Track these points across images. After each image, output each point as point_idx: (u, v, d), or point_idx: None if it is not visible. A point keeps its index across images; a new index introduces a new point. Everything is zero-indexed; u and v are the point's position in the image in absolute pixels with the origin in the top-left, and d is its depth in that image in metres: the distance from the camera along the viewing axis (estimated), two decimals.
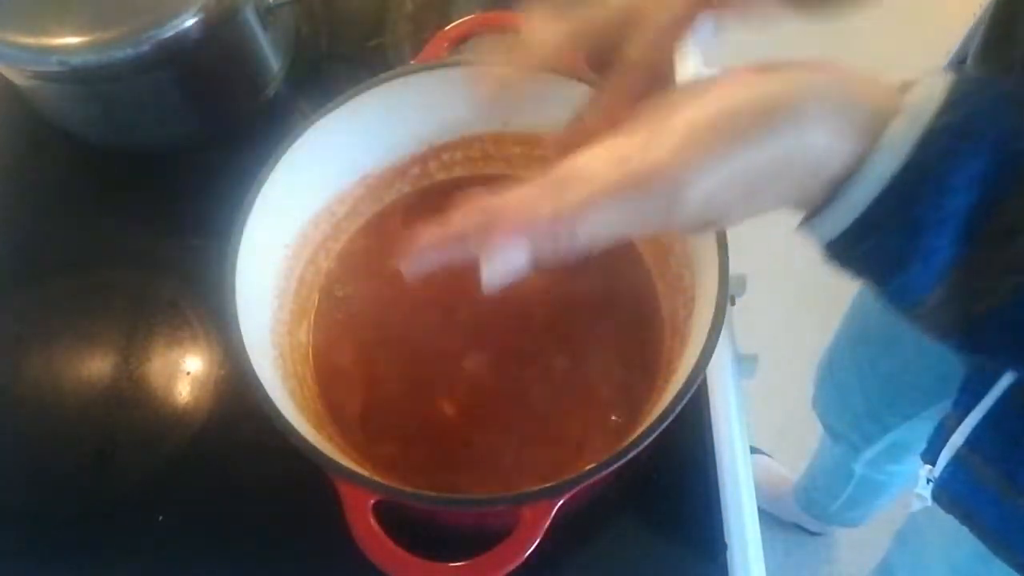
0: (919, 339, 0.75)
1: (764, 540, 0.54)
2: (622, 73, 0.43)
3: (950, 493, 0.58)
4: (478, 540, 0.40)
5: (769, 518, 1.32)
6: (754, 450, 1.35)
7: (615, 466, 0.41)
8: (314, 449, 0.41)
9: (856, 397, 0.93)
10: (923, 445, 0.59)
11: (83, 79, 0.60)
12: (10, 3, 0.59)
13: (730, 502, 0.54)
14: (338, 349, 0.55)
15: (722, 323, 0.44)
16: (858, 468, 1.05)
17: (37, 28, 0.57)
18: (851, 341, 0.93)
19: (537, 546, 0.40)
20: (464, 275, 0.58)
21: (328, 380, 0.54)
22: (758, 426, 1.42)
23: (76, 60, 0.58)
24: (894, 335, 0.82)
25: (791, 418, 1.37)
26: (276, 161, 0.50)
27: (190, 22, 0.58)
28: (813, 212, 0.30)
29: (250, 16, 0.64)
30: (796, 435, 1.38)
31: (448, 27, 0.58)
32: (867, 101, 0.29)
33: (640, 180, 0.29)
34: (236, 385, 0.59)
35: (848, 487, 1.09)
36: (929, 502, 0.59)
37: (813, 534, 1.31)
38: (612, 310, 0.58)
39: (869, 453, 1.00)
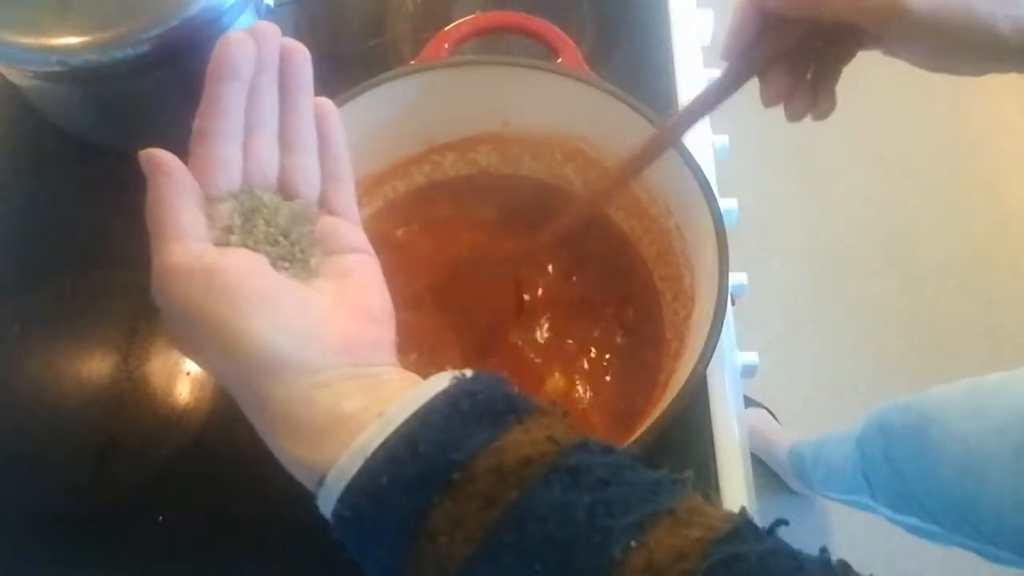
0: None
1: None
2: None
3: None
4: None
5: (763, 506, 1.32)
6: (754, 403, 1.35)
7: None
8: None
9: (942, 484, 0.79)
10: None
11: (83, 79, 0.60)
12: (10, 3, 0.59)
13: (730, 502, 0.54)
14: None
15: (722, 323, 0.44)
16: (872, 505, 0.98)
17: (37, 28, 0.57)
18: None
19: None
20: (465, 277, 0.59)
21: None
22: None
23: (76, 60, 0.58)
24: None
25: (791, 418, 1.37)
26: None
27: (190, 22, 0.58)
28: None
29: (250, 16, 0.64)
30: (795, 433, 1.38)
31: (448, 27, 0.58)
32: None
33: None
34: None
35: (852, 499, 1.06)
36: None
37: (794, 493, 1.31)
38: (612, 311, 0.58)
39: (897, 517, 0.93)
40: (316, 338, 0.32)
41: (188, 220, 0.33)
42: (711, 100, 0.47)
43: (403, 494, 0.28)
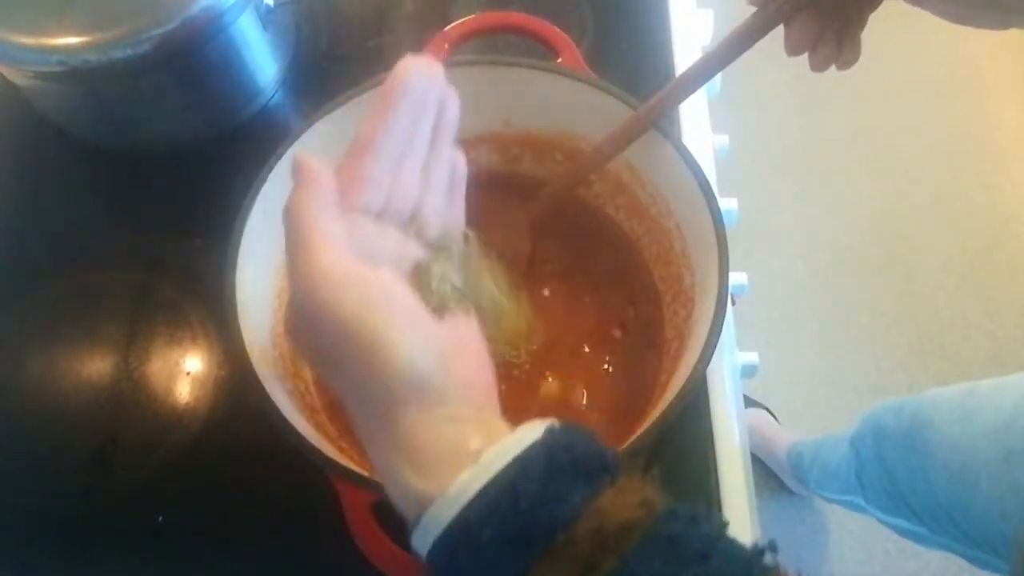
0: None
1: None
2: None
3: None
4: None
5: (762, 504, 1.31)
6: (754, 403, 1.35)
7: None
8: (314, 449, 0.41)
9: (929, 484, 0.80)
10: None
11: (83, 79, 0.60)
12: (10, 3, 0.59)
13: (730, 502, 0.54)
14: None
15: (722, 323, 0.44)
16: (865, 507, 0.99)
17: (37, 28, 0.57)
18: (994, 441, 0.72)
19: None
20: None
21: None
22: None
23: (76, 60, 0.58)
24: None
25: (791, 418, 1.37)
26: (276, 161, 0.50)
27: (190, 22, 0.58)
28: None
29: (250, 16, 0.64)
30: (794, 433, 1.38)
31: (448, 27, 0.58)
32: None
33: None
34: (236, 385, 0.59)
35: (845, 500, 1.07)
36: None
37: (793, 494, 1.32)
38: (612, 311, 0.58)
39: (887, 518, 0.94)
40: (450, 370, 0.32)
41: (337, 229, 0.33)
42: (735, 47, 0.47)
43: (505, 550, 0.28)
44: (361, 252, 0.33)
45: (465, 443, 0.30)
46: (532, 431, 0.30)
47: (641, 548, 0.28)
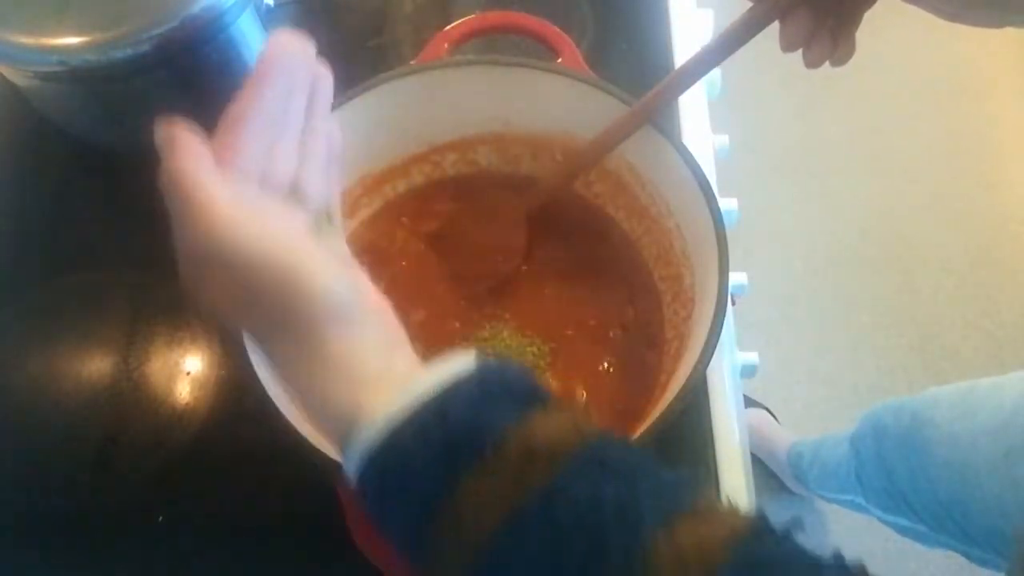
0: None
1: None
2: None
3: None
4: None
5: (762, 504, 1.32)
6: (754, 403, 1.35)
7: None
8: (314, 449, 0.41)
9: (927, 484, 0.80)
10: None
11: (83, 79, 0.60)
12: (10, 3, 0.59)
13: (730, 502, 0.54)
14: None
15: (722, 323, 0.44)
16: (865, 506, 0.99)
17: (37, 28, 0.57)
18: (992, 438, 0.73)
19: None
20: (464, 283, 0.59)
21: None
22: None
23: (76, 60, 0.58)
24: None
25: (791, 418, 1.37)
26: None
27: (190, 22, 0.58)
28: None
29: (250, 16, 0.64)
30: (794, 433, 1.38)
31: (448, 27, 0.58)
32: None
33: None
34: (236, 385, 0.59)
35: (845, 500, 1.07)
36: None
37: (793, 494, 1.32)
38: (613, 311, 0.58)
39: (887, 517, 0.94)
40: (364, 297, 0.33)
41: (218, 181, 0.33)
42: (730, 43, 0.48)
43: (433, 463, 0.29)
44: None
45: (391, 365, 0.31)
46: (465, 360, 0.31)
47: (572, 465, 0.28)
